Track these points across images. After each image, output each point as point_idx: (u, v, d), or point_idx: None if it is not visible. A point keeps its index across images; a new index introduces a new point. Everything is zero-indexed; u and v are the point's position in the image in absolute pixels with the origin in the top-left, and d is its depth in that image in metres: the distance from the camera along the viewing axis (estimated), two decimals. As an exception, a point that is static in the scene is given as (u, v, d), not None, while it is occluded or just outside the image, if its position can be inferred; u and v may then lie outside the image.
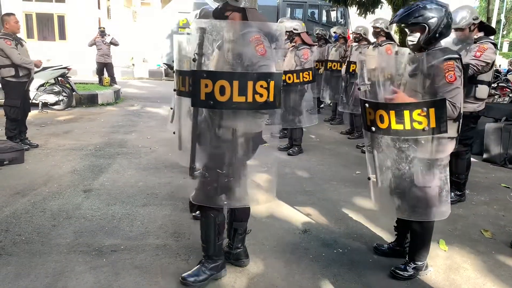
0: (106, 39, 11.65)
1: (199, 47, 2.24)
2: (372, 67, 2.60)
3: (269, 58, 2.30)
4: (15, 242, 3.10)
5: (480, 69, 3.88)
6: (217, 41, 2.34)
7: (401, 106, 2.36)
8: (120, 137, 6.61)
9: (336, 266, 2.91)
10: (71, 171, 4.78)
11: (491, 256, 3.14)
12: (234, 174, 2.40)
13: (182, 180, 4.57)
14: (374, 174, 2.63)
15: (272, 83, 2.20)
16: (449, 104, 2.43)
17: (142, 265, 2.83)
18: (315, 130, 7.49)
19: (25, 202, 3.84)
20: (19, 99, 5.57)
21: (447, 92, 2.45)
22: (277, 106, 2.28)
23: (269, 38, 2.35)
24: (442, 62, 2.45)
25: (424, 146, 2.46)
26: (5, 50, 5.32)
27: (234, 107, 2.22)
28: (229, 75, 2.20)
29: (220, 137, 2.37)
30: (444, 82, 2.45)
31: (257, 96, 2.18)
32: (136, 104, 10.10)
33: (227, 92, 2.16)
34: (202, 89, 2.19)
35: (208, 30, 2.25)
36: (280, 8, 15.65)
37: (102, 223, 3.47)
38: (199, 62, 2.25)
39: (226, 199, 2.46)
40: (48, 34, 17.96)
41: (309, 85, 5.74)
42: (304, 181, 4.75)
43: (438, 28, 2.49)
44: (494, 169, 5.44)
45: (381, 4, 10.76)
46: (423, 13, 2.48)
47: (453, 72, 2.44)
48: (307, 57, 5.61)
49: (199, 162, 2.40)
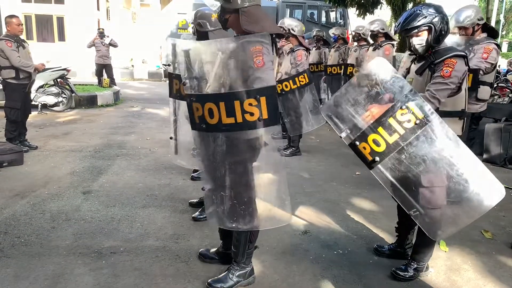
0: (105, 41, 11.64)
1: (187, 70, 2.20)
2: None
3: (265, 71, 2.16)
4: (14, 244, 3.09)
5: (487, 71, 3.88)
6: (211, 57, 2.26)
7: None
8: (120, 138, 6.60)
9: (337, 268, 2.90)
10: (70, 173, 4.77)
11: (492, 257, 3.14)
12: (242, 192, 2.33)
13: (182, 181, 4.57)
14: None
15: (263, 99, 2.06)
16: (427, 94, 2.47)
17: (142, 267, 2.82)
18: (315, 131, 7.46)
19: (24, 204, 3.83)
20: (19, 101, 5.57)
21: (433, 83, 2.52)
22: (274, 123, 2.15)
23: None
24: (447, 58, 2.53)
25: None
26: (5, 52, 5.32)
27: (225, 129, 2.12)
28: (214, 97, 2.12)
29: (217, 149, 2.29)
30: (438, 75, 2.52)
31: (247, 115, 2.06)
32: (135, 106, 10.09)
33: (215, 114, 2.09)
34: (195, 113, 2.16)
35: (192, 53, 2.19)
36: (280, 9, 15.66)
37: (102, 224, 3.46)
38: (189, 85, 2.21)
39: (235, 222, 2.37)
40: (47, 35, 17.98)
41: (308, 87, 5.73)
42: (304, 182, 4.75)
43: (442, 25, 2.56)
44: (494, 169, 5.43)
45: (380, 5, 10.76)
46: (425, 15, 2.56)
47: (451, 68, 2.49)
48: (300, 59, 5.57)
49: (209, 184, 2.39)
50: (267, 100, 2.08)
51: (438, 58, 2.57)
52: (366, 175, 4.84)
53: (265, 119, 2.09)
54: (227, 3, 2.31)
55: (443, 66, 2.52)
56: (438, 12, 2.57)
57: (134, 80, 16.40)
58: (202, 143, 2.34)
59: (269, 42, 2.21)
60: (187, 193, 4.24)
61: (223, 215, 2.38)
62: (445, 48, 2.62)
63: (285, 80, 5.58)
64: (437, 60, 2.57)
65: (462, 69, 2.54)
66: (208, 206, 2.46)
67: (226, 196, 2.34)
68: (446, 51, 2.59)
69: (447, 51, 2.58)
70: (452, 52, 2.56)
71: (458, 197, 2.34)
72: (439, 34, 2.57)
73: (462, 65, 2.54)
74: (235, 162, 2.31)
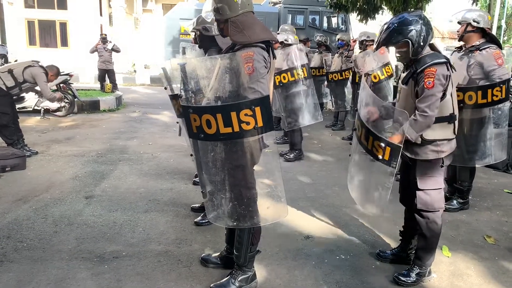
0: (107, 46, 11.69)
1: (183, 83, 2.25)
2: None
3: (257, 79, 2.22)
4: (16, 248, 3.09)
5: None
6: (206, 71, 2.30)
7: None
8: (122, 143, 6.61)
9: (339, 273, 2.90)
10: (73, 177, 4.78)
11: (495, 262, 3.13)
12: (244, 190, 2.37)
13: (184, 186, 4.57)
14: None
15: (257, 109, 2.13)
16: (416, 114, 2.53)
17: (144, 272, 2.82)
18: (317, 136, 7.50)
19: (27, 209, 3.84)
20: (8, 106, 5.63)
21: (421, 99, 2.54)
22: (270, 129, 2.23)
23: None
24: (426, 68, 2.53)
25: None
26: (38, 81, 5.67)
27: (222, 138, 2.21)
28: (211, 109, 2.18)
29: (218, 154, 2.35)
30: (422, 87, 2.54)
31: (244, 124, 2.14)
32: (137, 110, 10.11)
33: (213, 125, 2.16)
34: (192, 123, 2.22)
35: (188, 67, 2.24)
36: (282, 14, 15.72)
37: (104, 229, 3.47)
38: (186, 97, 2.26)
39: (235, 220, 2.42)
40: (50, 41, 18.10)
41: (306, 81, 5.64)
42: (306, 187, 4.74)
43: (420, 38, 2.55)
44: (497, 174, 5.42)
45: (382, 10, 10.78)
46: (401, 31, 2.56)
47: (432, 78, 2.50)
48: (291, 55, 5.52)
49: (208, 185, 2.41)
50: (261, 109, 2.15)
51: (419, 67, 2.57)
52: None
53: (261, 126, 2.17)
54: (218, 14, 2.38)
55: (424, 77, 2.52)
56: (416, 24, 2.55)
57: (136, 85, 16.43)
58: (200, 150, 2.38)
59: (261, 50, 2.29)
60: (189, 198, 4.24)
61: (224, 215, 2.42)
62: (426, 56, 2.60)
63: (283, 72, 5.52)
64: (418, 70, 2.57)
65: (443, 74, 2.52)
66: (209, 210, 2.48)
67: (227, 198, 2.37)
68: (426, 59, 2.57)
69: (426, 60, 2.56)
70: (431, 61, 2.54)
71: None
72: (418, 46, 2.56)
73: (443, 70, 2.52)
74: (235, 167, 2.34)
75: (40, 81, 5.67)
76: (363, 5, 9.91)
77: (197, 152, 2.38)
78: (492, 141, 3.87)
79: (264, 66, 2.30)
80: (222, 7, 2.34)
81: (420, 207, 2.71)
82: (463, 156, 3.84)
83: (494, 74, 3.64)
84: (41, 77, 5.67)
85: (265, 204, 2.51)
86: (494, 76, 3.64)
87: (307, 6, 15.74)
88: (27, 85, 5.68)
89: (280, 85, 5.56)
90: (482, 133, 3.83)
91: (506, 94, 3.69)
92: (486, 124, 3.82)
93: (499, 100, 3.67)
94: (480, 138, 3.84)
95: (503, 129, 3.95)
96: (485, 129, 3.82)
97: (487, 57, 3.67)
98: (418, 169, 2.70)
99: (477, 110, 3.71)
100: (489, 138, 3.85)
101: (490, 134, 3.85)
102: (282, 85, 5.55)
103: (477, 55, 3.72)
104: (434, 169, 2.69)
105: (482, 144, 3.85)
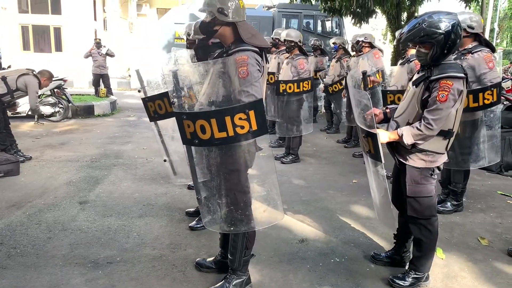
0: (102, 51, 11.68)
1: (175, 89, 2.26)
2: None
3: (251, 83, 2.22)
4: (10, 255, 3.07)
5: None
6: (199, 77, 2.32)
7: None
8: (116, 148, 6.60)
9: (334, 276, 2.90)
10: (66, 183, 4.76)
11: (489, 264, 3.14)
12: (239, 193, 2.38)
13: (178, 191, 4.56)
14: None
15: (251, 112, 2.13)
16: (421, 124, 2.46)
17: (138, 277, 2.81)
18: (312, 139, 7.50)
19: (20, 215, 3.81)
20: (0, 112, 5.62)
21: (430, 110, 2.45)
22: (264, 133, 2.22)
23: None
24: (442, 79, 2.41)
25: None
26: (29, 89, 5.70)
27: (217, 143, 2.21)
28: (204, 114, 2.18)
29: (212, 158, 2.37)
30: (433, 99, 2.44)
31: (238, 128, 2.14)
32: (132, 115, 10.10)
33: (208, 130, 2.16)
34: (186, 129, 2.22)
35: (180, 74, 2.26)
36: (276, 18, 15.76)
37: (98, 234, 3.45)
38: (178, 104, 2.26)
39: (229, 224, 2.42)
40: (45, 45, 18.03)
41: (307, 94, 5.78)
42: (300, 190, 4.75)
43: (445, 45, 2.40)
44: (490, 176, 5.45)
45: (375, 14, 10.84)
46: (428, 32, 2.39)
47: (447, 92, 2.39)
48: (303, 67, 5.64)
49: (203, 191, 2.42)
50: (255, 113, 2.15)
51: (435, 74, 2.44)
52: (363, 183, 4.85)
53: (255, 130, 2.18)
54: (223, 15, 2.36)
55: (439, 89, 2.39)
56: (447, 29, 2.36)
57: (131, 89, 16.40)
58: (195, 155, 2.38)
59: (255, 54, 2.31)
60: (184, 202, 4.23)
61: (220, 220, 2.42)
62: (446, 64, 2.46)
63: (289, 82, 5.64)
64: (433, 77, 2.44)
65: (458, 89, 2.41)
66: (204, 215, 2.48)
67: (223, 203, 2.37)
68: (445, 68, 2.43)
69: (445, 69, 2.42)
70: (450, 72, 2.40)
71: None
72: (441, 52, 2.42)
73: (459, 85, 2.41)
74: (230, 171, 2.35)
75: (31, 90, 5.70)
76: (356, 9, 9.95)
77: (191, 158, 2.37)
78: (485, 144, 3.89)
79: (258, 70, 2.32)
80: (229, 9, 2.34)
81: (411, 213, 2.68)
82: (457, 159, 3.86)
83: (485, 77, 3.66)
84: (33, 86, 5.71)
85: (261, 208, 2.51)
86: (485, 80, 3.67)
87: (301, 10, 15.78)
88: (19, 93, 5.69)
89: (284, 93, 5.66)
90: (475, 136, 3.84)
91: (498, 97, 3.71)
92: (479, 127, 3.84)
93: (491, 104, 3.69)
94: (474, 140, 3.85)
95: (495, 131, 3.98)
96: (478, 131, 3.84)
97: (479, 61, 3.69)
98: (408, 175, 2.64)
99: (470, 112, 3.73)
100: (483, 141, 3.87)
101: (483, 136, 3.87)
102: (286, 93, 5.68)
103: (469, 58, 3.73)
104: (423, 177, 2.61)
105: (475, 147, 3.86)
